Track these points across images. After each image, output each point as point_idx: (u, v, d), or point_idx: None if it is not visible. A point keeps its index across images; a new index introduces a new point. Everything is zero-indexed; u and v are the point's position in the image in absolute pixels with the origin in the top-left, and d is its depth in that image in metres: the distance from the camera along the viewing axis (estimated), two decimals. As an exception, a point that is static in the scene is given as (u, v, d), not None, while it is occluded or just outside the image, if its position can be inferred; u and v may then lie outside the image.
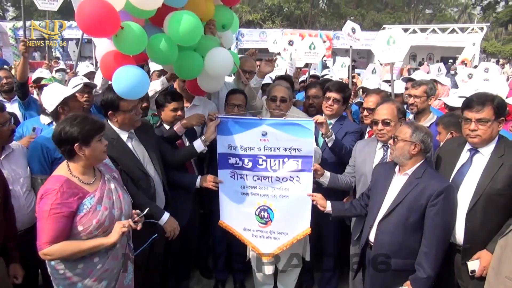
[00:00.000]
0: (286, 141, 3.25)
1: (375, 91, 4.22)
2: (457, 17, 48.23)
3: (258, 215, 3.42)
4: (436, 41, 25.51)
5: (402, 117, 3.23)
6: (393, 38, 4.62)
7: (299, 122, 3.25)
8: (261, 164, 3.33)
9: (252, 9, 41.30)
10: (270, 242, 3.42)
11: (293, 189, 3.32)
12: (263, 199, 3.40)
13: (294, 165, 3.27)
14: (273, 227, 3.39)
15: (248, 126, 3.30)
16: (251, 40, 25.14)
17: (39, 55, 27.02)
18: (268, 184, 3.36)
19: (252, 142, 3.31)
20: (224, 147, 3.37)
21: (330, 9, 45.09)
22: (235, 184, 3.43)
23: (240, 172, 3.39)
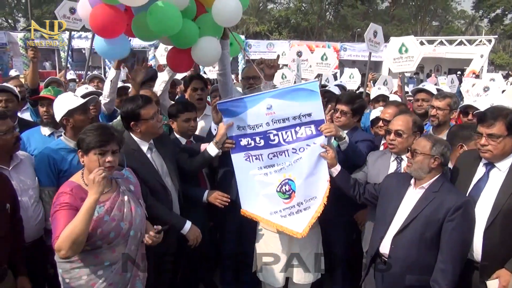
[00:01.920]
0: (293, 109, 3.07)
1: (394, 103, 4.15)
2: (464, 29, 48.25)
3: (280, 191, 3.16)
4: (444, 53, 25.48)
5: (417, 131, 3.16)
6: (405, 46, 4.56)
7: (302, 86, 3.09)
8: (273, 140, 3.13)
9: (259, 20, 41.64)
10: (302, 215, 3.15)
11: (309, 151, 3.10)
12: (283, 173, 3.17)
13: (308, 132, 3.09)
14: (298, 197, 3.14)
15: (250, 103, 3.13)
16: (258, 51, 25.23)
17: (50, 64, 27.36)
18: (286, 159, 3.14)
19: (259, 119, 3.13)
20: (233, 129, 3.20)
21: (337, 21, 45.37)
22: (252, 167, 3.21)
23: (254, 153, 3.19)
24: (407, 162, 2.81)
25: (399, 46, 4.58)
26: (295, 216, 3.15)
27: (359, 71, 8.52)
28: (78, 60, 24.51)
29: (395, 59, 4.62)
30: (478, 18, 47.80)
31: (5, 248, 2.43)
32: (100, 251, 2.31)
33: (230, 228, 3.77)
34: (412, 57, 4.53)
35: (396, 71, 4.88)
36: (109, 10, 2.87)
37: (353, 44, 27.12)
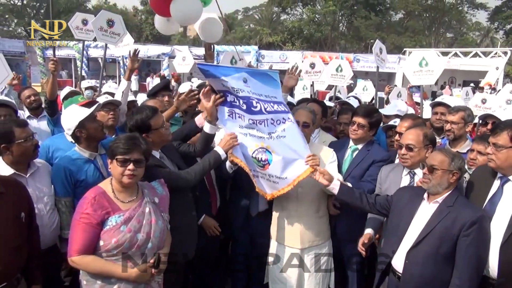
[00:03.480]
0: (264, 89, 3.16)
1: (410, 116, 4.13)
2: (479, 41, 47.85)
3: (255, 157, 3.20)
4: (458, 64, 25.29)
5: (429, 144, 3.14)
6: (425, 60, 4.55)
7: (268, 72, 3.22)
8: (255, 106, 3.15)
9: (273, 31, 41.93)
10: (270, 184, 3.21)
11: (289, 129, 3.13)
12: (260, 141, 3.20)
13: (280, 107, 3.14)
14: (271, 170, 3.16)
15: (230, 71, 3.18)
16: (271, 61, 25.37)
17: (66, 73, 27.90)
18: (265, 128, 3.16)
19: (239, 85, 3.16)
20: (219, 85, 3.19)
21: (350, 32, 45.39)
22: (234, 124, 3.24)
23: (238, 111, 3.22)
24: (424, 178, 2.74)
25: (419, 59, 4.57)
26: (265, 181, 3.21)
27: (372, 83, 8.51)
28: (94, 69, 24.97)
29: (415, 72, 4.61)
30: (494, 30, 47.34)
31: (20, 257, 2.46)
32: (115, 259, 2.34)
33: (242, 240, 3.77)
34: (432, 71, 4.52)
35: (415, 83, 4.87)
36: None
37: (366, 55, 27.08)
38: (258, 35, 40.83)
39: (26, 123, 2.93)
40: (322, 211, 3.42)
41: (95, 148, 3.23)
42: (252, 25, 48.63)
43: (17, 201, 2.47)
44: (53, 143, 3.65)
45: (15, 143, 2.75)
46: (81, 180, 3.05)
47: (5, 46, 25.22)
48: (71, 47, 24.71)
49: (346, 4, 41.16)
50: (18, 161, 2.83)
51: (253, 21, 51.17)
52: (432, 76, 4.53)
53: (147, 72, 26.44)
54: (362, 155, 3.58)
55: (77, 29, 6.32)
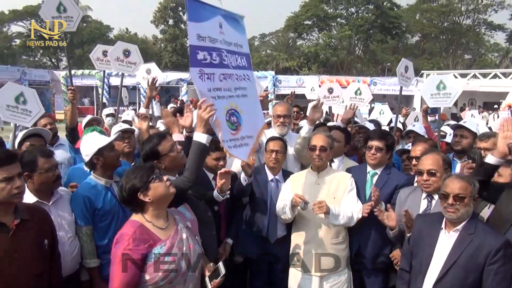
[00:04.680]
0: (234, 36, 3.11)
1: (423, 140, 4.11)
2: (498, 62, 47.27)
3: (229, 120, 3.06)
4: (478, 86, 24.98)
5: (447, 167, 3.11)
6: (443, 83, 4.54)
7: (234, 15, 3.18)
8: (224, 60, 3.04)
9: (289, 56, 42.45)
10: (242, 149, 3.10)
11: (249, 88, 3.18)
12: (230, 101, 3.08)
13: (243, 63, 3.16)
14: (243, 131, 3.09)
15: (210, 14, 3.00)
16: (288, 86, 25.63)
17: (88, 100, 28.72)
18: (231, 83, 3.09)
19: (215, 34, 2.99)
20: (194, 38, 2.93)
21: (366, 56, 45.56)
22: (203, 86, 2.96)
23: (207, 70, 2.98)
24: (450, 208, 2.58)
25: (437, 82, 4.56)
26: (239, 148, 3.09)
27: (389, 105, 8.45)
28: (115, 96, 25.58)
29: (432, 94, 4.60)
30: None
31: (42, 284, 2.47)
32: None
33: (261, 267, 3.72)
34: (450, 94, 4.50)
35: (432, 106, 4.84)
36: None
37: (383, 79, 27.09)
38: (275, 60, 41.36)
39: (51, 153, 3.00)
40: (342, 236, 3.38)
41: (111, 176, 3.27)
42: (269, 51, 49.37)
43: (41, 228, 2.50)
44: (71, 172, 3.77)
45: (37, 172, 2.82)
46: (99, 208, 3.08)
47: (31, 75, 26.23)
48: (93, 75, 25.52)
49: (361, 28, 41.49)
50: (39, 189, 2.89)
51: (269, 46, 52.00)
52: (450, 99, 4.51)
53: (167, 98, 26.98)
54: (383, 180, 3.55)
55: (97, 60, 6.54)
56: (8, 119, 4.15)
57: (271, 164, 3.71)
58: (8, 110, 4.08)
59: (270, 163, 3.72)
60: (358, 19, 42.40)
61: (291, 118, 4.35)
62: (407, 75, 5.57)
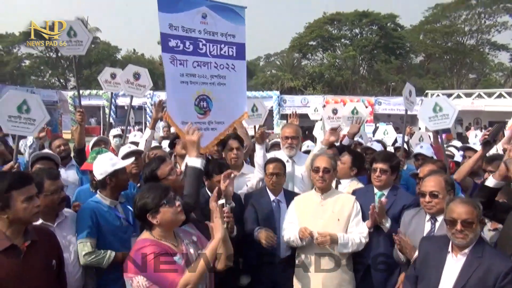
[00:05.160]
0: (223, 25, 3.34)
1: (431, 161, 4.12)
2: (503, 82, 47.33)
3: (198, 105, 3.36)
4: (483, 106, 24.98)
5: (450, 189, 3.10)
6: (439, 105, 4.58)
7: (234, 8, 3.38)
8: (201, 49, 3.32)
9: (294, 76, 42.78)
10: (207, 133, 3.37)
11: (229, 77, 3.39)
12: (202, 87, 3.37)
13: (230, 52, 3.37)
14: (212, 117, 3.40)
15: (189, 5, 3.26)
16: (293, 106, 25.77)
17: (95, 120, 29.01)
18: (207, 71, 3.35)
19: (193, 24, 3.27)
20: (165, 27, 3.21)
21: (370, 75, 45.82)
22: (175, 71, 3.29)
23: (180, 57, 3.29)
24: (459, 234, 2.54)
25: (432, 105, 4.61)
26: (203, 132, 3.20)
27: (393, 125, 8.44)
28: (122, 116, 25.87)
29: (430, 117, 4.64)
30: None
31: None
32: None
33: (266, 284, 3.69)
34: (447, 115, 4.54)
35: (432, 129, 4.87)
36: None
37: (388, 98, 27.19)
38: (280, 80, 41.68)
39: (58, 176, 3.05)
40: (346, 260, 3.36)
41: (117, 197, 3.30)
42: (274, 71, 49.79)
43: (49, 249, 2.53)
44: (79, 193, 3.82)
45: (43, 194, 2.84)
46: (102, 225, 3.10)
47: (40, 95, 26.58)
48: (100, 95, 25.85)
49: (366, 49, 41.89)
50: (44, 211, 2.89)
51: (274, 67, 52.48)
52: (448, 120, 4.56)
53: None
54: (390, 201, 3.54)
55: (105, 82, 6.70)
56: (10, 131, 3.93)
57: (271, 186, 3.75)
58: (10, 121, 3.77)
59: (270, 186, 3.76)
60: (362, 39, 42.86)
61: (299, 139, 4.41)
62: (411, 99, 5.66)
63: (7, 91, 4.39)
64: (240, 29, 3.43)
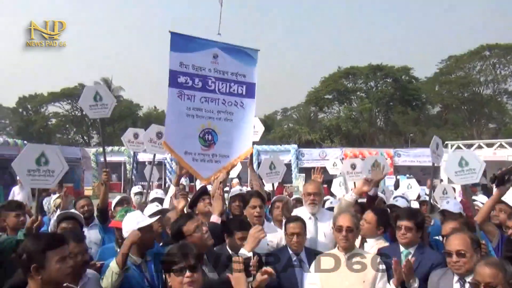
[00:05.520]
0: (234, 66, 3.59)
1: (453, 217, 4.03)
2: (525, 130, 46.59)
3: (202, 137, 3.57)
4: (506, 156, 24.42)
5: (477, 247, 3.02)
6: (464, 159, 4.51)
7: (246, 50, 3.62)
8: (210, 86, 3.57)
9: (311, 129, 43.17)
10: (211, 165, 3.57)
11: (237, 114, 3.59)
12: (208, 121, 3.60)
13: (239, 90, 3.59)
14: (216, 150, 3.60)
15: (201, 46, 3.56)
16: (311, 159, 25.73)
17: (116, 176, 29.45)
18: (214, 106, 3.58)
19: (204, 63, 3.55)
20: (176, 64, 3.51)
21: (388, 127, 45.88)
22: (181, 105, 3.54)
23: (188, 92, 3.54)
24: None
25: (458, 160, 4.54)
26: (206, 163, 3.57)
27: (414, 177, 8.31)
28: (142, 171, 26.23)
29: (456, 172, 4.56)
30: (538, 118, 46.30)
31: None
32: None
33: None
34: (474, 169, 4.44)
35: (459, 183, 4.78)
36: None
37: (407, 150, 26.89)
38: (297, 133, 42.08)
39: (82, 238, 3.11)
40: None
41: (143, 254, 3.31)
42: (291, 125, 50.47)
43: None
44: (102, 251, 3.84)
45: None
46: (124, 282, 3.06)
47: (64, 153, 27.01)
48: (122, 152, 26.46)
49: (381, 101, 42.32)
50: None
51: (291, 120, 53.28)
52: (475, 175, 4.44)
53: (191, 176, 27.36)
54: (417, 260, 3.42)
55: (129, 142, 7.00)
56: (31, 185, 3.92)
57: (293, 246, 3.68)
58: (29, 176, 3.73)
59: (292, 246, 3.69)
60: (377, 92, 43.44)
61: (321, 196, 4.38)
62: (438, 152, 5.58)
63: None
64: (251, 70, 3.70)
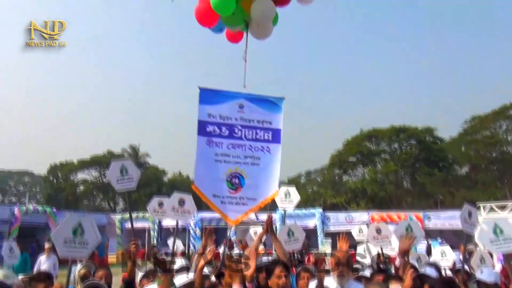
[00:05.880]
0: (259, 114, 3.89)
1: None
2: (561, 190, 44.48)
3: (230, 181, 3.84)
4: (544, 216, 23.21)
5: None
6: (499, 227, 4.34)
7: (270, 98, 3.91)
8: (236, 133, 3.89)
9: (336, 192, 42.59)
10: (238, 207, 3.79)
11: (264, 158, 3.83)
12: (236, 166, 3.88)
13: (265, 136, 3.85)
14: (243, 193, 3.83)
15: (227, 98, 3.90)
16: (337, 223, 25.15)
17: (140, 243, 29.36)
18: (241, 152, 3.86)
19: (230, 113, 3.91)
20: (204, 115, 3.91)
21: (415, 189, 44.74)
22: (210, 151, 3.88)
23: (216, 140, 3.89)
24: None
25: (492, 228, 4.38)
26: (233, 206, 3.82)
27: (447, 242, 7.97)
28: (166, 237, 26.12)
29: (492, 241, 4.37)
30: None
31: None
32: None
33: None
34: (510, 238, 4.26)
35: (496, 252, 4.56)
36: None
37: (437, 212, 25.93)
38: (322, 197, 41.53)
39: None
40: None
41: None
42: (315, 188, 49.98)
43: None
44: None
45: None
46: None
47: (90, 219, 27.71)
48: (146, 218, 26.62)
49: (407, 163, 41.78)
50: None
51: (315, 184, 52.81)
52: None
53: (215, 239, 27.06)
54: None
55: (154, 211, 7.29)
56: (66, 254, 3.99)
57: None
58: (65, 246, 3.88)
59: None
60: (402, 154, 43.06)
61: (349, 266, 4.24)
62: (471, 221, 5.20)
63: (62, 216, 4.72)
64: (277, 117, 3.99)
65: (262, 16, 4.23)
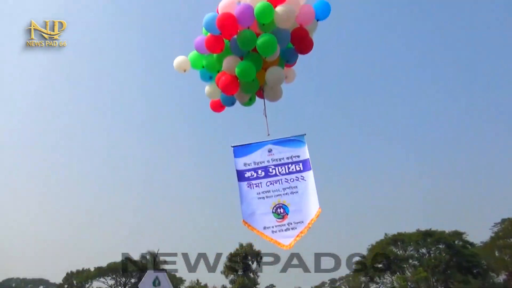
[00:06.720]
0: (287, 152, 4.43)
1: None
2: None
3: (275, 212, 4.25)
4: None
5: None
6: None
7: (293, 137, 4.46)
8: (271, 172, 4.41)
9: None
10: (289, 233, 4.18)
11: (301, 185, 4.26)
12: (277, 198, 4.33)
13: (297, 168, 4.32)
14: (290, 219, 4.23)
15: (257, 147, 4.51)
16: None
17: None
18: (280, 186, 4.33)
19: (262, 158, 4.48)
20: (241, 165, 4.45)
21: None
22: (252, 192, 4.36)
23: (255, 181, 4.39)
24: None
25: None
26: (284, 232, 4.20)
27: None
28: None
29: None
30: None
31: None
32: None
33: None
34: None
35: None
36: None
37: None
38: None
39: None
40: None
41: None
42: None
43: None
44: None
45: None
46: None
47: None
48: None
49: (437, 269, 39.25)
50: None
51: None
52: None
53: None
54: None
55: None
56: None
57: None
58: None
59: None
60: (431, 259, 40.71)
61: None
62: None
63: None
64: (302, 150, 4.45)
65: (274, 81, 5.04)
